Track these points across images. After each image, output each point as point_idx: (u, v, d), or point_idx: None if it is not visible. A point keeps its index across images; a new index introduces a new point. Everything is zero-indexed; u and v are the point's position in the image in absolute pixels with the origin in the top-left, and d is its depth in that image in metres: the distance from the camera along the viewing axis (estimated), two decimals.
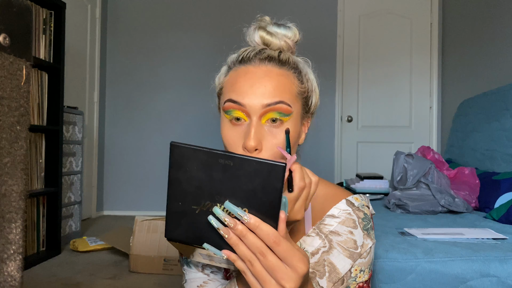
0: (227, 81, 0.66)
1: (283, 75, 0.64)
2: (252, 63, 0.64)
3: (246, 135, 0.61)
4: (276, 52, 0.66)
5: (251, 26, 0.69)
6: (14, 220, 0.34)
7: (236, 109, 0.62)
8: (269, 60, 0.64)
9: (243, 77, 0.63)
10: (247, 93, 0.62)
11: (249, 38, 0.68)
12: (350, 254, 0.68)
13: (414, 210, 1.71)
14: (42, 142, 2.43)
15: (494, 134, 2.10)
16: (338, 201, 0.72)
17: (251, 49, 0.66)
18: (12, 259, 0.34)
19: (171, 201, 0.47)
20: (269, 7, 3.73)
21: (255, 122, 0.61)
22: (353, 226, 0.70)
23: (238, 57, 0.66)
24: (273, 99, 0.61)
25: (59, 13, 2.45)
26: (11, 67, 0.34)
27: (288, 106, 0.62)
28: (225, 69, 0.69)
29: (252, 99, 0.61)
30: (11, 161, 0.34)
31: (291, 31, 0.68)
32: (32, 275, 2.05)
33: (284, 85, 0.63)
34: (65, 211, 2.67)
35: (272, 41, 0.66)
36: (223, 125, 0.65)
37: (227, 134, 0.64)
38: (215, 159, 0.45)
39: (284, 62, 0.65)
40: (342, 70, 3.78)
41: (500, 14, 2.57)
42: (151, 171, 3.81)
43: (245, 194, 0.46)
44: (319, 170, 3.70)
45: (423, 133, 3.70)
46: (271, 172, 0.45)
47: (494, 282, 1.04)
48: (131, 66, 3.85)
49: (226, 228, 0.47)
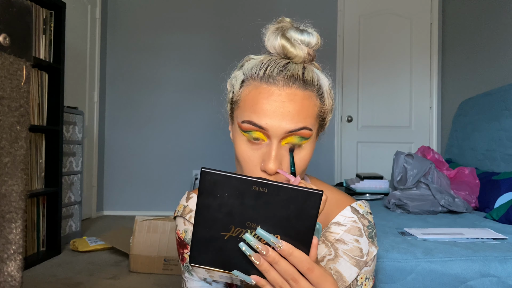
0: (246, 96, 0.63)
1: (307, 98, 0.61)
2: (276, 83, 0.60)
3: (266, 156, 0.60)
4: (300, 69, 0.62)
5: (269, 28, 0.64)
6: (14, 220, 0.34)
7: (256, 130, 0.60)
8: (294, 80, 0.61)
9: (266, 99, 0.60)
10: (269, 117, 0.59)
11: (269, 42, 0.63)
12: (356, 262, 0.68)
13: (414, 210, 1.71)
14: (42, 142, 2.43)
15: (494, 134, 2.10)
16: (341, 207, 0.72)
17: (273, 64, 0.61)
18: (12, 259, 0.34)
19: (198, 227, 0.46)
20: (269, 7, 3.73)
21: (275, 144, 0.60)
22: (359, 234, 0.70)
23: (259, 70, 0.62)
24: (296, 126, 0.59)
25: (59, 13, 2.45)
26: (11, 67, 0.34)
27: (309, 131, 0.61)
28: (241, 77, 0.65)
29: (274, 124, 0.59)
30: (11, 161, 0.34)
31: (314, 38, 0.63)
32: (32, 275, 2.05)
33: (308, 109, 0.61)
34: (65, 211, 2.67)
35: (296, 53, 0.62)
36: (240, 142, 0.63)
37: (245, 152, 0.62)
38: (248, 186, 0.45)
39: (309, 82, 0.62)
40: (342, 70, 3.78)
41: (500, 14, 2.57)
42: (151, 171, 3.81)
43: (278, 221, 0.46)
44: (319, 170, 3.70)
45: (423, 133, 3.70)
46: (308, 200, 0.45)
47: (494, 282, 1.04)
48: (131, 66, 3.85)
49: (257, 254, 0.46)
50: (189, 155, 3.81)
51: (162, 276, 2.07)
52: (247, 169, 0.62)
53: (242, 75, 0.65)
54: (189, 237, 0.72)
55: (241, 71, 0.65)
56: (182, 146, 3.81)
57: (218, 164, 3.70)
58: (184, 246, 0.73)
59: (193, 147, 3.80)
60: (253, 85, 0.62)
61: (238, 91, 0.65)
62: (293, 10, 3.74)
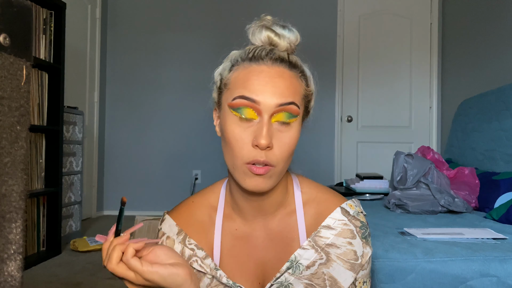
0: (235, 77, 0.65)
1: (294, 77, 0.65)
2: (265, 62, 0.64)
3: (258, 132, 0.61)
4: (285, 54, 0.66)
5: (254, 24, 0.68)
6: (14, 220, 0.34)
7: (248, 106, 0.62)
8: (281, 61, 0.65)
9: (257, 76, 0.63)
10: (261, 90, 0.62)
11: (253, 36, 0.68)
12: (351, 265, 0.68)
13: (414, 210, 1.71)
14: (42, 142, 2.43)
15: (494, 134, 2.10)
16: (331, 207, 0.71)
17: (261, 48, 0.66)
18: (12, 259, 0.34)
19: None
20: (269, 7, 3.73)
21: (267, 120, 0.62)
22: (351, 237, 0.69)
23: (247, 54, 0.66)
24: (286, 99, 0.63)
25: (59, 13, 2.45)
26: (11, 67, 0.34)
27: (297, 108, 0.64)
28: (228, 65, 0.68)
29: (265, 97, 0.62)
30: (11, 161, 0.34)
31: (293, 34, 0.68)
32: (32, 275, 2.05)
33: (295, 86, 0.65)
34: (65, 211, 2.67)
35: (279, 42, 0.67)
36: (229, 122, 0.64)
37: (235, 131, 0.63)
38: None
39: (294, 64, 0.66)
40: (342, 70, 3.78)
41: (500, 14, 2.57)
42: (151, 171, 3.81)
43: None
44: (319, 170, 3.70)
45: (423, 133, 3.70)
46: None
47: (494, 282, 1.04)
48: (131, 66, 3.85)
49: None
50: (189, 155, 3.81)
51: None
52: (237, 147, 0.63)
53: (230, 62, 0.68)
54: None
55: (228, 60, 0.68)
56: (182, 146, 3.81)
57: (218, 163, 3.70)
58: None
59: (193, 147, 3.80)
60: (243, 67, 0.65)
61: (227, 76, 0.67)
62: (293, 10, 3.74)
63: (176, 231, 0.72)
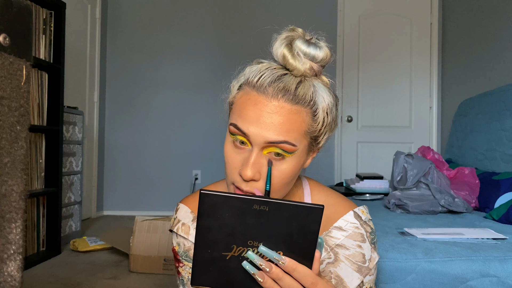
0: (238, 100, 0.63)
1: (295, 113, 0.60)
2: (266, 93, 0.59)
3: (245, 161, 0.60)
4: (295, 83, 0.60)
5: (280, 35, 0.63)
6: (14, 220, 0.34)
7: (239, 135, 0.61)
8: (284, 93, 0.59)
9: (253, 106, 0.59)
10: (252, 124, 0.59)
11: (274, 49, 0.62)
12: (358, 267, 0.68)
13: (414, 210, 1.71)
14: (42, 142, 2.43)
15: (494, 134, 2.10)
16: (340, 210, 0.72)
17: (268, 73, 0.60)
18: (12, 259, 0.34)
19: (199, 248, 0.46)
20: (269, 7, 3.73)
21: (256, 152, 0.59)
22: (362, 240, 0.70)
23: (254, 78, 0.61)
24: (277, 138, 0.58)
25: (59, 13, 2.45)
26: (11, 67, 0.34)
27: (292, 146, 0.59)
28: (241, 80, 0.65)
29: (256, 132, 0.59)
30: (11, 161, 0.34)
31: (322, 52, 0.63)
32: (32, 275, 2.05)
33: (293, 123, 0.59)
34: (65, 211, 2.67)
35: (295, 66, 0.60)
36: (227, 142, 0.64)
37: (229, 153, 0.63)
38: (248, 205, 0.45)
39: (300, 98, 0.60)
40: (342, 70, 3.77)
41: (500, 14, 2.57)
42: (151, 171, 3.81)
43: (280, 237, 0.46)
44: (319, 170, 3.70)
45: (423, 133, 3.70)
46: (309, 215, 0.45)
47: (494, 282, 1.04)
48: (131, 66, 3.85)
49: (261, 272, 0.46)
50: (189, 155, 3.81)
51: (162, 276, 2.07)
52: (228, 169, 0.63)
53: (243, 78, 0.65)
54: (182, 250, 0.73)
55: (242, 77, 0.65)
56: (182, 146, 3.81)
57: (218, 163, 3.70)
58: (179, 260, 0.73)
59: (193, 147, 3.80)
60: (246, 91, 0.62)
61: (234, 94, 0.65)
62: (293, 10, 3.74)
63: (191, 218, 0.73)
